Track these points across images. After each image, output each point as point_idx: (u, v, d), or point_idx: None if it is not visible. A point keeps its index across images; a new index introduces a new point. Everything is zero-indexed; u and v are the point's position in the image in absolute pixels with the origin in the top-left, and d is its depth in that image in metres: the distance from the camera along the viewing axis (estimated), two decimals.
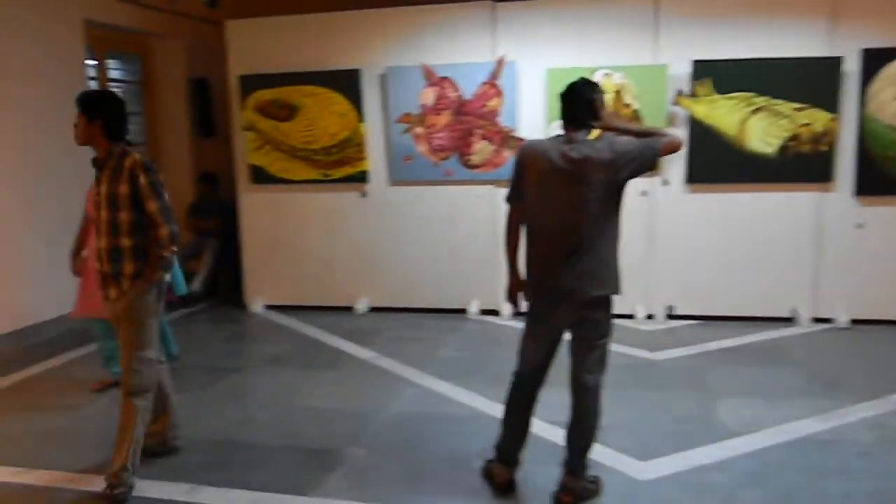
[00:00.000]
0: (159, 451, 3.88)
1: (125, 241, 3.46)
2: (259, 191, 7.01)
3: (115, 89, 7.61)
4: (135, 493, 3.51)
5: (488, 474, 3.60)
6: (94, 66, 7.17)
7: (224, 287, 7.69)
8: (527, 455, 3.56)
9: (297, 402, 4.73)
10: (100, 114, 3.45)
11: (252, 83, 6.81)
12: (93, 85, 7.11)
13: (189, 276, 7.35)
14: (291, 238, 7.03)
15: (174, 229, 3.47)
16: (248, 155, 6.93)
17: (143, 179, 3.42)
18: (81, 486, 3.63)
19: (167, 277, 3.62)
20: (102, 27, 6.98)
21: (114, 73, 7.67)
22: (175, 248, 3.49)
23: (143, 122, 8.06)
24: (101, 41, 7.23)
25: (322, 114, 6.70)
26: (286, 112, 6.77)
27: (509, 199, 3.37)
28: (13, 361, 5.63)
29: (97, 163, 3.53)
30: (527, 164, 3.25)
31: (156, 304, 3.56)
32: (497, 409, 4.27)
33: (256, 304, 7.12)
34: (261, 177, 6.93)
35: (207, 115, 8.28)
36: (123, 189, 3.42)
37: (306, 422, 4.39)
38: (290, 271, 7.08)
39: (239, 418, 4.48)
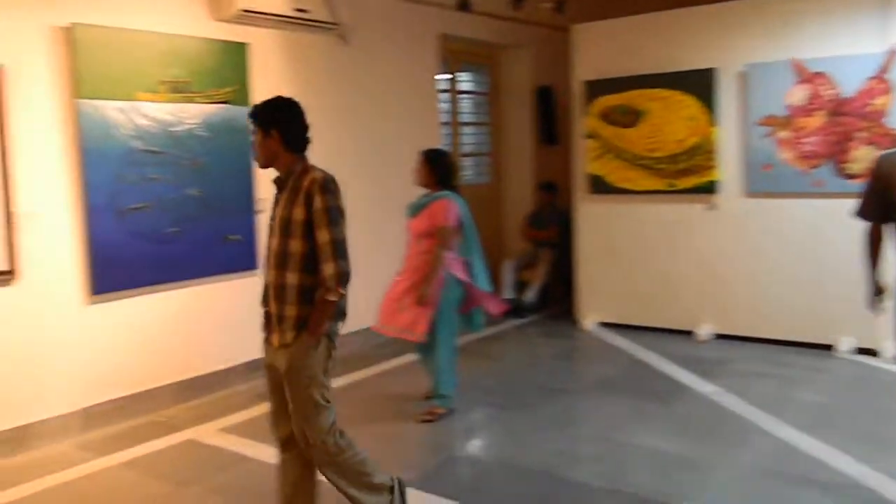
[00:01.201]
0: None
1: (292, 277, 2.85)
2: (596, 201, 6.67)
3: (464, 100, 7.87)
4: None
5: None
6: (446, 78, 7.44)
7: (555, 299, 7.49)
8: None
9: (626, 437, 4.24)
10: (276, 124, 2.91)
11: (596, 88, 6.50)
12: (444, 97, 7.38)
13: (522, 287, 7.33)
14: (629, 252, 6.56)
15: (343, 267, 2.80)
16: (588, 163, 6.63)
17: (318, 202, 2.81)
18: None
19: (339, 325, 2.98)
20: (456, 40, 7.20)
21: (463, 86, 7.91)
22: (343, 291, 2.84)
23: (490, 132, 8.22)
24: (455, 54, 7.49)
25: (669, 119, 6.15)
26: (630, 118, 6.35)
27: (866, 215, 3.24)
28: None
29: (278, 182, 2.98)
30: (891, 174, 3.09)
31: (326, 357, 2.91)
32: (888, 486, 3.42)
33: (588, 321, 6.78)
34: (599, 186, 6.58)
35: (551, 124, 8.19)
36: (298, 213, 2.84)
37: (635, 463, 3.90)
38: (625, 287, 6.61)
39: (561, 448, 4.12)
